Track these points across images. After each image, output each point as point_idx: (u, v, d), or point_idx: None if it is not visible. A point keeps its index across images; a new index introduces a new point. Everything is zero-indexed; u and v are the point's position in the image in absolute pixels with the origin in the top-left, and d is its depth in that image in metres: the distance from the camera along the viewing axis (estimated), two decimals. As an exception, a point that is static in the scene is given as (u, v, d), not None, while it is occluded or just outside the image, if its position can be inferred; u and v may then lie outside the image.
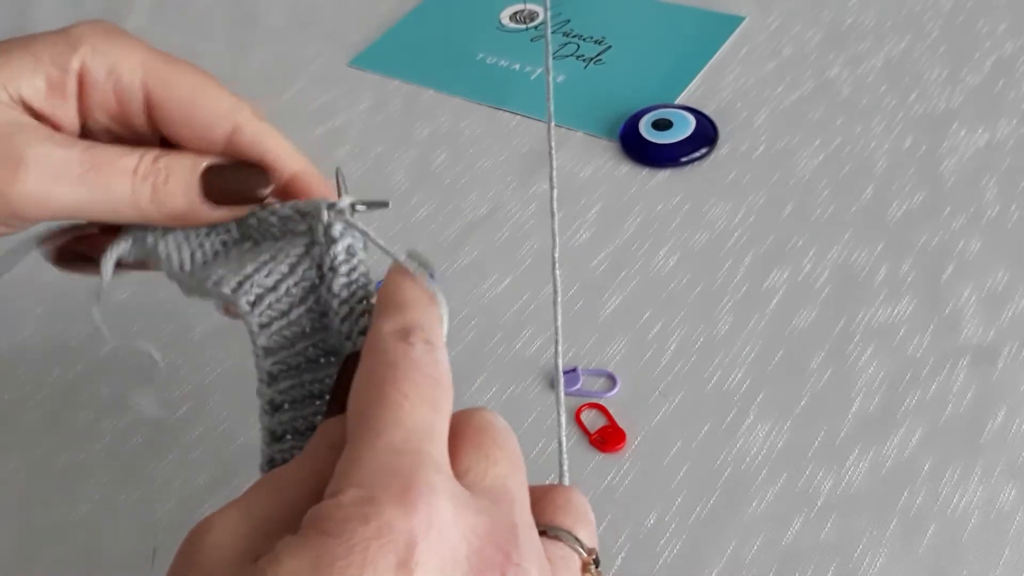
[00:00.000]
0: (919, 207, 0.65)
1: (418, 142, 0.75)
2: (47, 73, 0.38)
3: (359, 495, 0.28)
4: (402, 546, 0.27)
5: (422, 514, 0.28)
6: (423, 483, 0.28)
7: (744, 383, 0.57)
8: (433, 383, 0.32)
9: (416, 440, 0.30)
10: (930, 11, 0.81)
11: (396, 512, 0.27)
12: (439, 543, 0.28)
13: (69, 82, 0.39)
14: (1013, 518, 0.50)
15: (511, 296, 0.63)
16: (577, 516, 0.34)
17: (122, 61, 0.39)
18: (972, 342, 0.57)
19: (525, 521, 0.31)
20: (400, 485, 0.28)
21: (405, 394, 0.31)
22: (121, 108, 0.40)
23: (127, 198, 0.38)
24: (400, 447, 0.29)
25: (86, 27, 0.40)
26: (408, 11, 0.88)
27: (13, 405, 0.61)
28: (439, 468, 0.29)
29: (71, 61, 0.39)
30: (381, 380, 0.31)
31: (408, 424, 0.30)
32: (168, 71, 0.40)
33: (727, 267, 0.63)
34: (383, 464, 0.29)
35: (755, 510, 0.51)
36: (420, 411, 0.30)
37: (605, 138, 0.73)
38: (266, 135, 0.41)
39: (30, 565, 0.53)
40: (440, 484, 0.29)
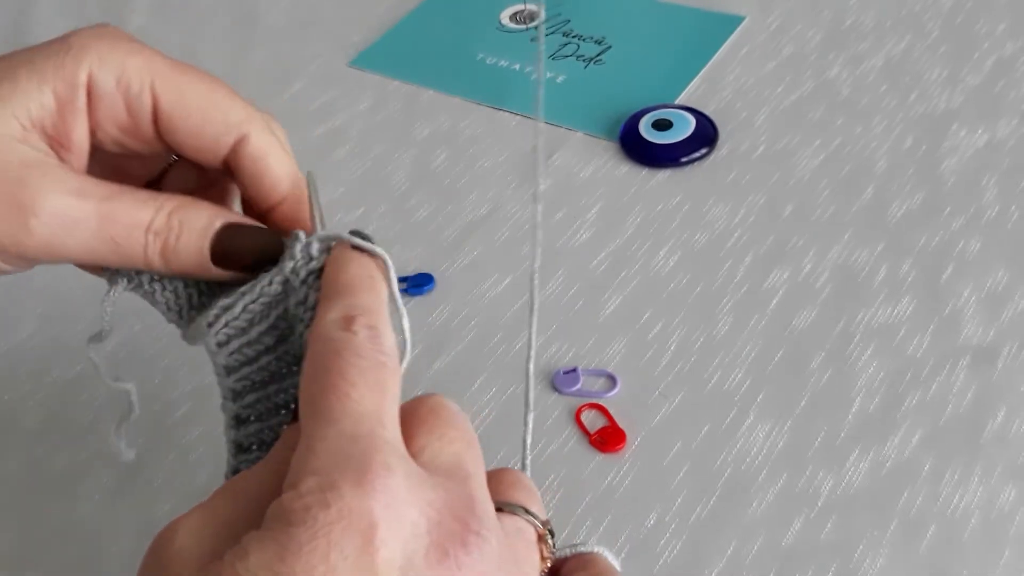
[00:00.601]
0: (919, 207, 0.65)
1: (418, 142, 0.75)
2: (55, 90, 0.37)
3: (317, 482, 0.28)
4: (364, 526, 0.27)
5: (380, 494, 0.28)
6: (378, 464, 0.29)
7: (744, 383, 0.57)
8: (379, 367, 0.32)
9: (367, 425, 0.30)
10: (930, 11, 0.81)
11: (355, 494, 0.28)
12: (399, 520, 0.28)
13: (78, 96, 0.37)
14: (1013, 518, 0.50)
15: (511, 296, 0.63)
16: (527, 492, 0.35)
17: (130, 69, 0.38)
18: (972, 342, 0.57)
19: (481, 494, 0.32)
20: (356, 469, 0.28)
21: (352, 382, 0.31)
22: (131, 118, 0.38)
23: (138, 253, 0.37)
24: (352, 433, 0.30)
25: (89, 35, 0.38)
26: (408, 11, 0.88)
27: (13, 405, 0.61)
28: (393, 449, 0.30)
29: (78, 74, 0.37)
30: (327, 370, 0.31)
31: (358, 411, 0.30)
32: (177, 78, 0.38)
33: (727, 267, 0.63)
34: (337, 450, 0.29)
35: (755, 510, 0.51)
36: (368, 397, 0.31)
37: (605, 138, 0.73)
38: (268, 152, 0.39)
39: (30, 565, 0.53)
40: (395, 463, 0.29)
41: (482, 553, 0.29)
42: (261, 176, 0.39)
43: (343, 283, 0.35)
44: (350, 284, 0.35)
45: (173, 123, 0.38)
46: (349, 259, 0.36)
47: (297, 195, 0.40)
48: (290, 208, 0.40)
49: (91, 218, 0.36)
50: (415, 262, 0.66)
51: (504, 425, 0.56)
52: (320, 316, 0.34)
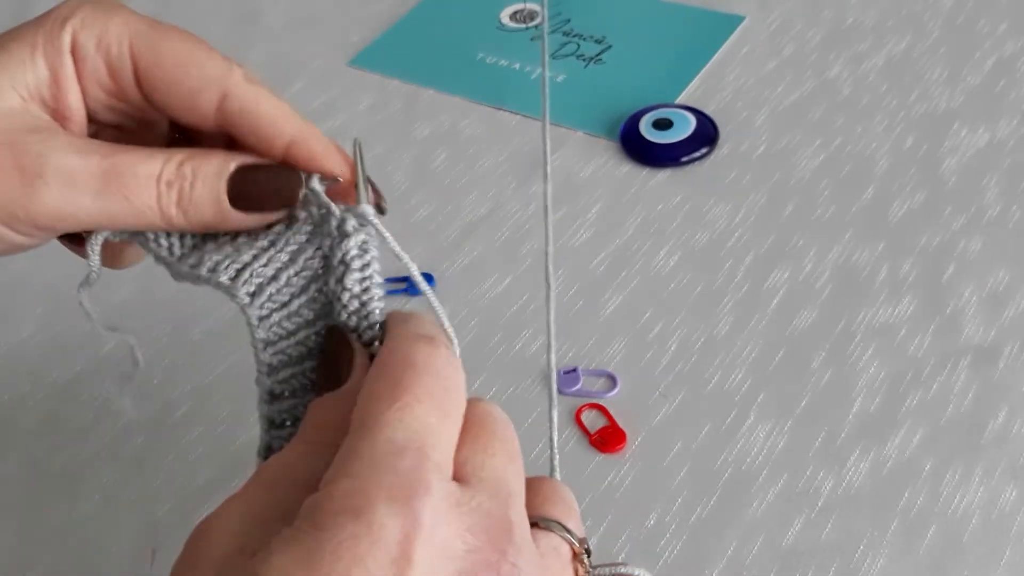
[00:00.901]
0: (920, 207, 0.65)
1: (418, 142, 0.75)
2: (46, 57, 0.37)
3: (351, 487, 0.28)
4: (394, 545, 0.27)
5: (414, 513, 0.27)
6: (419, 483, 0.28)
7: (745, 383, 0.57)
8: (448, 392, 0.31)
9: (419, 440, 0.29)
10: (930, 11, 0.81)
11: (386, 510, 0.27)
12: (431, 542, 0.27)
13: (66, 62, 0.37)
14: (1014, 519, 0.50)
15: (511, 296, 0.63)
16: (565, 507, 0.34)
17: (109, 30, 0.37)
18: (973, 342, 0.57)
19: (520, 517, 0.31)
20: (395, 483, 0.28)
21: (418, 397, 0.30)
22: (115, 81, 0.38)
23: (152, 208, 0.36)
24: (401, 445, 0.29)
25: (75, 1, 0.38)
26: (408, 11, 0.88)
27: (13, 405, 0.61)
28: (438, 469, 0.29)
29: (63, 39, 0.37)
30: (397, 379, 0.31)
31: (414, 425, 0.30)
32: (154, 36, 0.38)
33: (727, 267, 0.63)
34: (381, 459, 0.28)
35: (756, 511, 0.51)
36: (431, 417, 0.30)
37: (605, 138, 0.73)
38: (257, 100, 0.38)
39: (30, 565, 0.53)
40: (436, 486, 0.28)
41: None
42: (256, 127, 0.38)
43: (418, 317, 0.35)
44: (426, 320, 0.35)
45: (153, 82, 0.38)
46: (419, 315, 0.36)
47: (304, 134, 0.38)
48: (302, 149, 0.38)
49: (97, 175, 0.35)
50: (415, 262, 0.65)
51: (504, 425, 0.56)
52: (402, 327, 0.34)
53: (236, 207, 0.37)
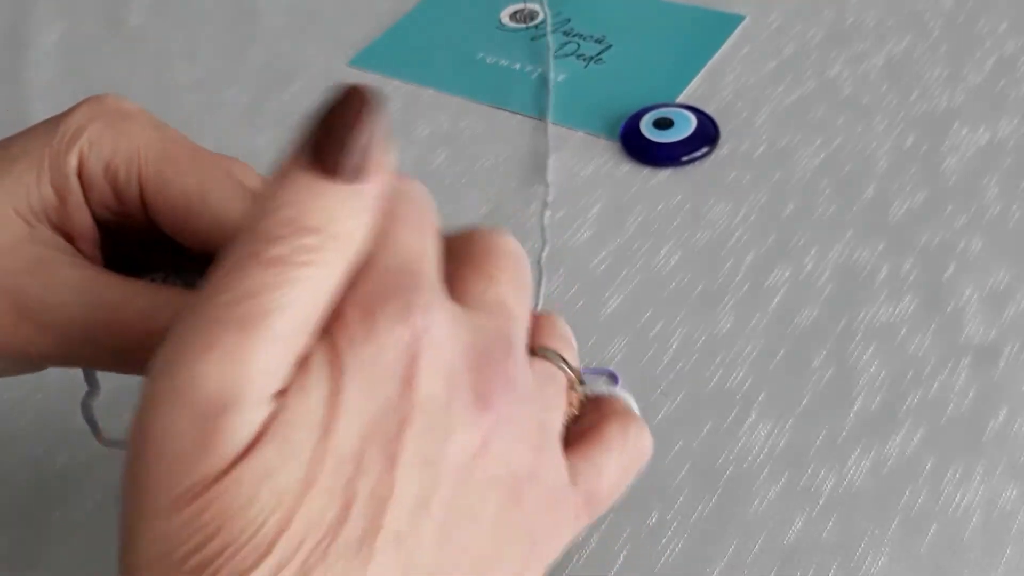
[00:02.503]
0: (920, 206, 0.65)
1: (418, 142, 0.75)
2: (52, 181, 0.36)
3: (360, 314, 0.28)
4: (405, 362, 0.28)
5: (421, 328, 0.28)
6: (420, 300, 0.29)
7: (746, 382, 0.57)
8: (423, 215, 0.32)
9: (413, 263, 0.30)
10: (931, 10, 0.81)
11: (397, 328, 0.28)
12: (438, 354, 0.28)
13: (72, 186, 0.36)
14: (1015, 518, 0.50)
15: (512, 295, 0.63)
16: (563, 339, 0.36)
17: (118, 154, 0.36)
18: (974, 341, 0.57)
19: (520, 340, 0.32)
20: (398, 302, 0.28)
21: (400, 220, 0.31)
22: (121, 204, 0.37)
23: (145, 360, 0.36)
24: (396, 268, 0.29)
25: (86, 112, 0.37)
26: (408, 11, 0.88)
27: (13, 405, 0.61)
28: (433, 287, 0.30)
29: (70, 161, 0.36)
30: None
31: (403, 249, 0.30)
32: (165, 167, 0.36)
33: (728, 266, 0.63)
34: (381, 282, 0.29)
35: (756, 509, 0.51)
36: (414, 237, 0.31)
37: (605, 137, 0.73)
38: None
39: (30, 565, 0.53)
40: (436, 302, 0.29)
41: (513, 395, 0.30)
42: None
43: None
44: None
45: (159, 217, 0.37)
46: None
47: None
48: None
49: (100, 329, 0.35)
50: (415, 261, 0.66)
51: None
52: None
53: None
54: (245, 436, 0.27)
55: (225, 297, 0.26)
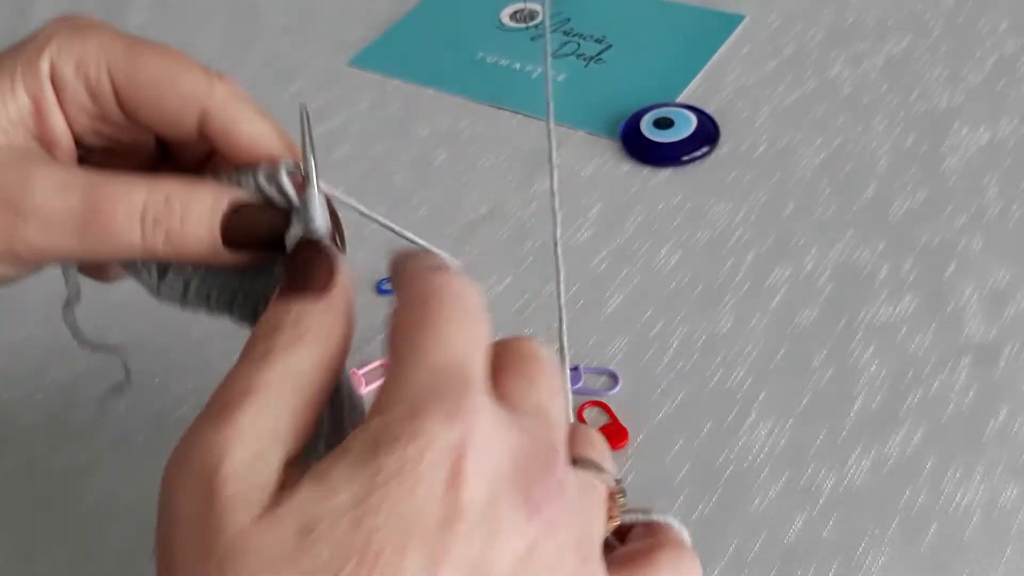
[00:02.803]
0: (921, 206, 0.65)
1: (418, 142, 0.75)
2: (27, 87, 0.36)
3: (406, 412, 0.28)
4: (452, 462, 0.27)
5: (468, 430, 0.28)
6: (468, 401, 0.29)
7: (746, 381, 0.57)
8: (472, 310, 0.32)
9: (459, 362, 0.30)
10: (931, 10, 0.81)
11: (444, 428, 0.28)
12: (484, 457, 0.28)
13: (46, 91, 0.37)
14: (1015, 517, 0.50)
15: (511, 296, 0.63)
16: (601, 450, 0.35)
17: (87, 54, 0.37)
18: (974, 341, 0.57)
19: (563, 447, 0.32)
20: (446, 403, 0.28)
21: (448, 318, 0.31)
22: (97, 105, 0.37)
23: (135, 245, 0.35)
24: (444, 367, 0.29)
25: (53, 25, 0.37)
26: (408, 11, 0.88)
27: (13, 405, 0.61)
28: (482, 389, 0.30)
29: (42, 66, 0.36)
30: (423, 305, 0.31)
31: (451, 347, 0.30)
32: (132, 56, 0.37)
33: (729, 265, 0.63)
34: (428, 383, 0.29)
35: (757, 508, 0.51)
36: (462, 336, 0.31)
37: (606, 137, 0.73)
38: (238, 119, 0.37)
39: (30, 565, 0.53)
40: (483, 403, 0.29)
41: (560, 501, 0.29)
42: (234, 143, 0.37)
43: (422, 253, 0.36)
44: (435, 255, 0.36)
45: (132, 103, 0.37)
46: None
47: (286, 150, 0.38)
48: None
49: (77, 216, 0.35)
50: (416, 261, 0.66)
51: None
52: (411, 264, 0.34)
53: (229, 246, 0.36)
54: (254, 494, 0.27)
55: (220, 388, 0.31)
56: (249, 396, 0.29)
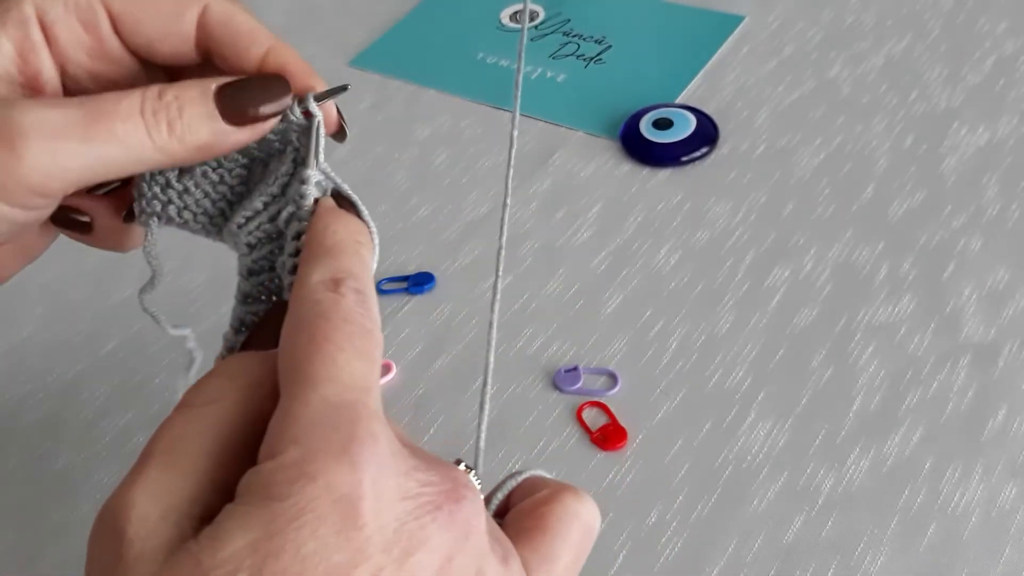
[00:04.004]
0: (920, 206, 0.65)
1: (418, 142, 0.75)
2: (8, 34, 0.36)
3: (300, 454, 0.28)
4: (353, 498, 0.27)
5: (365, 464, 0.28)
6: (364, 433, 0.28)
7: (745, 381, 0.57)
8: (366, 334, 0.31)
9: (353, 392, 0.29)
10: (931, 10, 0.81)
11: (340, 466, 0.27)
12: (385, 487, 0.28)
13: (32, 32, 0.36)
14: (1014, 517, 0.50)
15: (511, 296, 0.63)
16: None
17: None
18: (973, 341, 0.57)
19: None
20: (340, 440, 0.28)
21: (340, 347, 0.30)
22: (92, 36, 0.37)
23: (144, 142, 0.35)
24: (337, 401, 0.29)
25: None
26: (408, 11, 0.88)
27: (13, 404, 0.61)
28: (377, 417, 0.29)
29: (24, 9, 0.36)
30: (312, 332, 0.31)
31: (344, 378, 0.30)
32: None
33: (728, 266, 0.63)
34: (321, 419, 0.28)
35: (756, 508, 0.51)
36: (355, 364, 0.30)
37: (606, 137, 0.73)
38: (234, 12, 0.38)
39: (30, 565, 0.53)
40: (379, 432, 0.29)
41: (471, 503, 0.29)
42: (235, 37, 0.38)
43: (329, 244, 0.34)
44: (337, 246, 0.34)
45: (132, 20, 0.37)
46: (337, 218, 0.35)
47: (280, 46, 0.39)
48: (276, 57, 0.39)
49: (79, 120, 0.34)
50: (415, 261, 0.66)
51: (505, 424, 0.56)
52: (305, 276, 0.33)
53: (229, 121, 0.36)
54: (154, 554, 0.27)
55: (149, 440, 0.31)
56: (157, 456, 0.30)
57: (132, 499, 0.29)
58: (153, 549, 0.28)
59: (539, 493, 0.34)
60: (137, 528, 0.28)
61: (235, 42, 0.38)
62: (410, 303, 0.63)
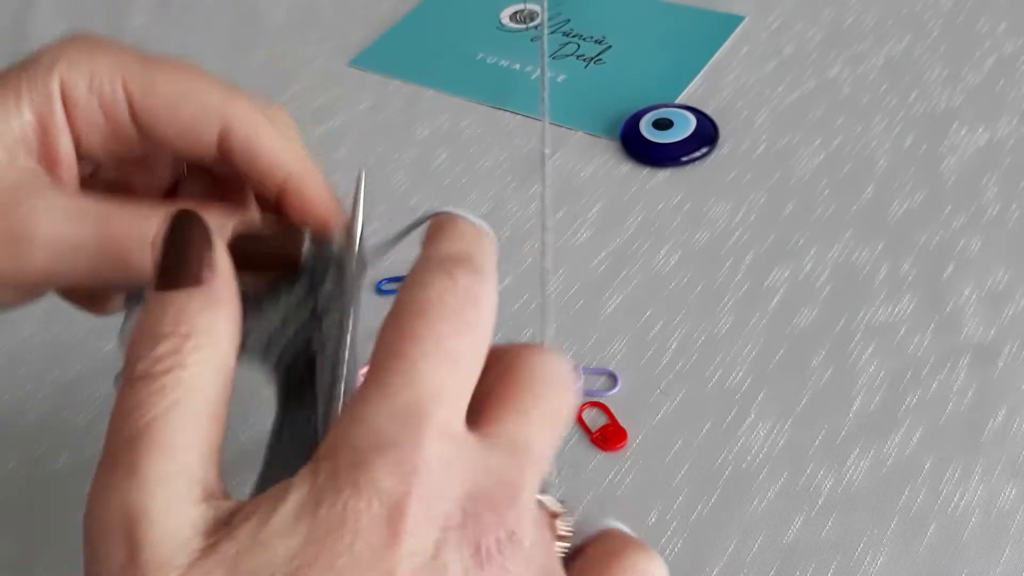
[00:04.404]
0: (920, 206, 0.65)
1: (418, 142, 0.75)
2: (32, 104, 0.36)
3: (352, 462, 0.27)
4: (394, 516, 0.26)
5: (415, 482, 0.27)
6: (420, 448, 0.27)
7: (745, 382, 0.57)
8: (462, 333, 0.29)
9: (424, 405, 0.28)
10: (930, 10, 0.81)
11: (388, 480, 0.26)
12: (431, 511, 0.27)
13: (55, 108, 0.36)
14: (1014, 517, 0.50)
15: (511, 296, 0.63)
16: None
17: (99, 69, 0.36)
18: (973, 341, 0.57)
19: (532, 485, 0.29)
20: (396, 452, 0.27)
21: (424, 352, 0.28)
22: (110, 121, 0.37)
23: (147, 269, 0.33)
24: (405, 411, 0.28)
25: (61, 43, 0.37)
26: (408, 11, 0.88)
27: (13, 405, 0.61)
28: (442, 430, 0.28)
29: (50, 84, 0.36)
30: (404, 327, 0.29)
31: (419, 388, 0.28)
32: (148, 69, 0.37)
33: (728, 266, 0.63)
34: (383, 429, 0.27)
35: (756, 509, 0.51)
36: (437, 373, 0.28)
37: (606, 137, 0.73)
38: (259, 131, 0.37)
39: (30, 565, 0.53)
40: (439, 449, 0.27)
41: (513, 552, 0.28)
42: (254, 159, 0.37)
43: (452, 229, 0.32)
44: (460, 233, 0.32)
45: (150, 116, 0.37)
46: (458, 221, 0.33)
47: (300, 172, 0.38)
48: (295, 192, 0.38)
49: (91, 241, 0.34)
50: (415, 261, 0.66)
51: (505, 424, 0.56)
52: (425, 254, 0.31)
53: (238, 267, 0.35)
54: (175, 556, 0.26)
55: (115, 423, 0.28)
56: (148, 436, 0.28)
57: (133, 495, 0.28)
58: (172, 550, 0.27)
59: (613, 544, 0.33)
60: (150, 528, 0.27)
61: (255, 165, 0.37)
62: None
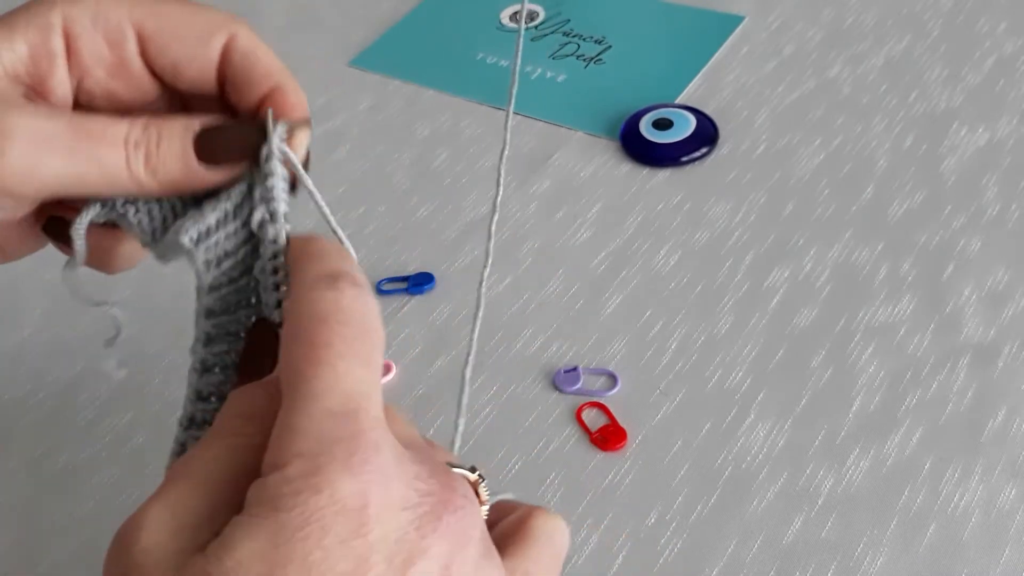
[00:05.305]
0: (919, 206, 0.65)
1: (418, 142, 0.75)
2: (26, 38, 0.36)
3: (305, 466, 0.28)
4: (356, 508, 0.28)
5: (369, 474, 0.28)
6: (367, 444, 0.29)
7: (745, 382, 0.57)
8: (365, 335, 0.31)
9: (354, 401, 0.30)
10: (930, 10, 0.81)
11: (344, 477, 0.28)
12: (389, 497, 0.29)
13: (52, 40, 0.37)
14: (1013, 517, 0.50)
15: (511, 296, 0.63)
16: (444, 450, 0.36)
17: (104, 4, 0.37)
18: (973, 341, 0.57)
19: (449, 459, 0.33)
20: (344, 450, 0.29)
21: (339, 353, 0.30)
22: (115, 54, 0.38)
23: (121, 169, 0.36)
24: (339, 410, 0.29)
25: None
26: (408, 11, 0.88)
27: (13, 405, 0.61)
28: (379, 426, 0.30)
29: (50, 18, 0.37)
30: (312, 338, 0.31)
31: (345, 386, 0.30)
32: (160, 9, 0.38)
33: (728, 266, 0.63)
34: (324, 430, 0.29)
35: (756, 509, 0.51)
36: (355, 371, 0.30)
37: (605, 137, 0.73)
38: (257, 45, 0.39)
39: (30, 565, 0.53)
40: (382, 442, 0.29)
41: (468, 514, 0.30)
42: (252, 68, 0.38)
43: (316, 250, 0.34)
44: (326, 250, 0.34)
45: (162, 41, 0.38)
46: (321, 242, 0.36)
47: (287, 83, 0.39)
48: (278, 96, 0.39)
49: (67, 135, 0.35)
50: (415, 262, 0.66)
51: (504, 425, 0.56)
52: (300, 276, 0.33)
53: (202, 162, 0.37)
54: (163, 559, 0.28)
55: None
56: (176, 478, 0.30)
57: (150, 514, 0.29)
58: (166, 558, 0.28)
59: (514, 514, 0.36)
60: (152, 538, 0.29)
61: (249, 74, 0.39)
62: (410, 303, 0.64)
